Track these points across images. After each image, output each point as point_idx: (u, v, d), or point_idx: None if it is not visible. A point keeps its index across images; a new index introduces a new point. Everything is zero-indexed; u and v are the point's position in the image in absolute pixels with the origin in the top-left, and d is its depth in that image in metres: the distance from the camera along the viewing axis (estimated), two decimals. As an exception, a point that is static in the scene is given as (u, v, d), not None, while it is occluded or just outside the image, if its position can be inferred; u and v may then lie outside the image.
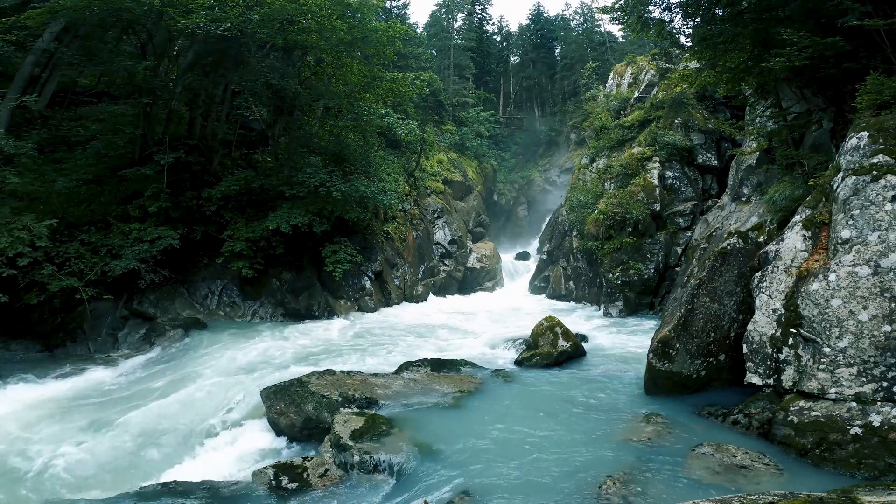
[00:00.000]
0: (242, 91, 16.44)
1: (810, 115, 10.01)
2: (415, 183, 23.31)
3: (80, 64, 13.54)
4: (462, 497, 4.91)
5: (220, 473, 6.41)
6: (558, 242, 23.11)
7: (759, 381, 6.50)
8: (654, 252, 16.84)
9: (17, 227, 10.34)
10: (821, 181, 7.29)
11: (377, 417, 6.79)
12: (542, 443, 6.13)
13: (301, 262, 15.47)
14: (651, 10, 11.50)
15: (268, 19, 13.61)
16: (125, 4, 12.11)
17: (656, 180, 17.58)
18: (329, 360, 10.33)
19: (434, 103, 32.36)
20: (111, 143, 14.21)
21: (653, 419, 6.67)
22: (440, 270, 22.79)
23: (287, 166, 15.25)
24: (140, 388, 9.40)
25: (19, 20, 11.58)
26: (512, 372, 9.41)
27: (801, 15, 8.47)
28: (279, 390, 7.64)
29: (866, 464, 5.21)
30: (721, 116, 18.45)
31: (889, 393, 5.42)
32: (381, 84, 17.60)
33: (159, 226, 13.06)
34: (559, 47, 48.07)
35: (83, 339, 12.00)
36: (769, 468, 5.37)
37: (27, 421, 7.72)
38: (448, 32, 42.11)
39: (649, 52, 25.82)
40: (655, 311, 16.08)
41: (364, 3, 15.13)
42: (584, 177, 21.47)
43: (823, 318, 5.97)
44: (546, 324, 10.92)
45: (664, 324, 8.09)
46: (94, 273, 11.80)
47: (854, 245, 5.95)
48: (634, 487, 4.96)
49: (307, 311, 14.91)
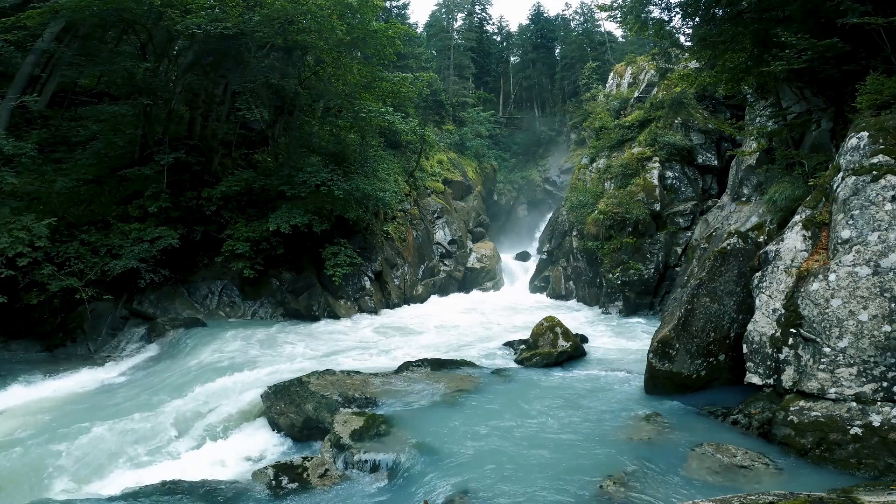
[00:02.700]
0: (242, 91, 16.45)
1: (810, 115, 10.01)
2: (415, 183, 23.30)
3: (80, 64, 13.55)
4: (462, 496, 4.91)
5: (219, 473, 6.41)
6: (558, 242, 23.11)
7: (759, 381, 6.50)
8: (654, 252, 16.83)
9: (16, 228, 10.34)
10: (821, 181, 7.29)
11: (377, 417, 6.79)
12: (541, 442, 6.13)
13: (301, 262, 15.47)
14: (650, 10, 11.51)
15: (268, 19, 13.62)
16: (125, 4, 12.12)
17: (656, 180, 17.58)
18: (329, 360, 10.33)
19: (434, 103, 32.34)
20: (111, 143, 14.21)
21: (653, 419, 6.66)
22: (440, 270, 22.79)
23: (287, 166, 15.25)
24: (140, 387, 9.39)
25: (19, 20, 11.59)
26: (512, 372, 9.41)
27: (801, 15, 8.46)
28: (279, 390, 7.65)
29: (866, 464, 5.21)
30: (721, 116, 18.44)
31: (889, 393, 5.41)
32: (381, 84, 17.60)
33: (159, 226, 13.06)
34: (559, 47, 48.02)
35: (83, 339, 12.00)
36: (769, 468, 5.37)
37: (27, 420, 7.72)
38: (448, 32, 42.10)
39: (649, 52, 25.83)
40: (655, 311, 16.08)
41: (364, 3, 15.12)
42: (584, 177, 21.47)
43: (823, 318, 5.97)
44: (546, 324, 10.93)
45: (664, 324, 8.10)
46: (93, 273, 11.81)
47: (854, 245, 5.95)
48: (634, 487, 4.96)
49: (307, 312, 14.91)
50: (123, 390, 9.36)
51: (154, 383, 9.48)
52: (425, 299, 20.60)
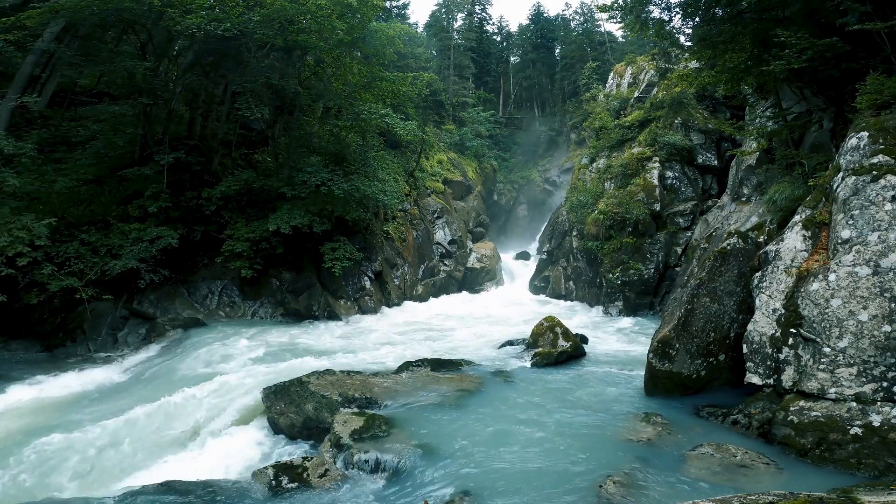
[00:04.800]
0: (242, 91, 16.43)
1: (810, 115, 10.02)
2: (415, 183, 23.30)
3: (80, 64, 13.54)
4: (462, 497, 4.91)
5: (220, 473, 6.41)
6: (558, 242, 23.11)
7: (759, 381, 6.50)
8: (654, 252, 16.84)
9: (16, 227, 10.34)
10: (821, 181, 7.30)
11: (377, 417, 6.79)
12: (541, 442, 6.13)
13: (301, 262, 15.47)
14: (650, 10, 11.52)
15: (268, 19, 13.62)
16: (125, 4, 12.12)
17: (656, 180, 17.58)
18: (329, 360, 10.31)
19: (434, 103, 32.33)
20: (111, 143, 14.21)
21: (653, 419, 6.67)
22: (440, 270, 22.79)
23: (287, 166, 15.25)
24: (140, 387, 9.39)
25: (19, 20, 11.58)
26: (511, 372, 9.40)
27: (801, 16, 8.47)
28: (279, 390, 7.64)
29: (866, 464, 5.21)
30: (721, 116, 18.46)
31: (889, 393, 5.42)
32: (381, 84, 17.60)
33: (159, 226, 13.06)
34: (559, 47, 48.03)
35: (83, 338, 12.00)
36: (769, 468, 5.37)
37: (27, 420, 7.72)
38: (448, 32, 42.09)
39: (649, 52, 25.83)
40: (655, 311, 16.08)
41: (364, 3, 15.12)
42: (584, 177, 21.47)
43: (823, 318, 5.97)
44: (546, 324, 10.93)
45: (664, 324, 8.09)
46: (93, 273, 11.80)
47: (854, 245, 5.95)
48: (634, 487, 4.96)
49: (307, 311, 14.91)
50: (123, 390, 9.36)
51: (154, 383, 9.48)
52: (425, 299, 20.59)
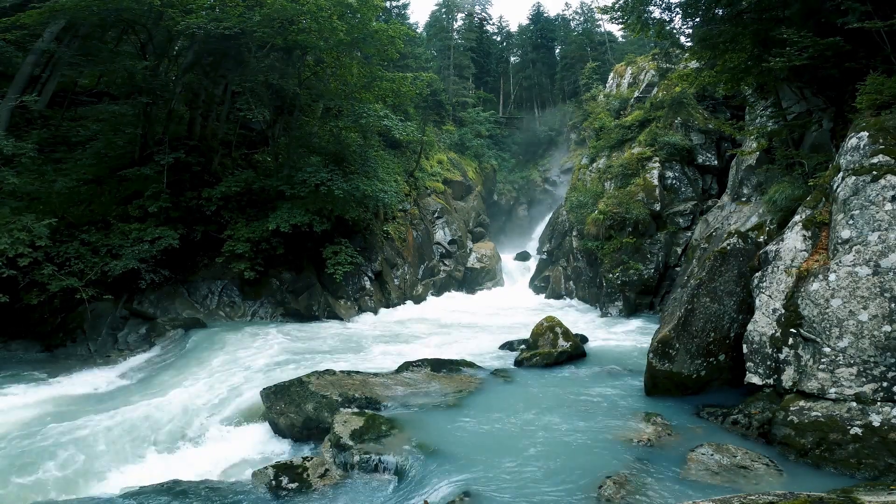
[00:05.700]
0: (242, 91, 16.44)
1: (810, 115, 10.02)
2: (415, 183, 23.30)
3: (80, 64, 13.55)
4: (462, 497, 4.91)
5: (220, 473, 6.41)
6: (558, 242, 23.11)
7: (759, 381, 6.50)
8: (654, 252, 16.84)
9: (17, 228, 10.34)
10: (821, 181, 7.29)
11: (377, 417, 6.78)
12: (541, 443, 6.12)
13: (301, 262, 15.47)
14: (651, 10, 11.52)
15: (268, 19, 13.62)
16: (125, 4, 12.12)
17: (656, 180, 17.58)
18: (329, 360, 10.32)
19: (434, 103, 32.34)
20: (111, 143, 14.21)
21: (653, 419, 6.66)
22: (440, 270, 22.80)
23: (287, 166, 15.25)
24: (140, 387, 9.39)
25: (19, 20, 11.58)
26: (512, 372, 9.41)
27: (801, 16, 8.47)
28: (279, 390, 7.64)
29: (866, 464, 5.21)
30: (721, 116, 18.46)
31: (889, 393, 5.41)
32: (381, 84, 17.60)
33: (159, 226, 13.06)
34: (559, 47, 48.07)
35: (83, 339, 12.00)
36: (769, 468, 5.37)
37: (27, 420, 7.72)
38: (448, 32, 42.10)
39: (649, 52, 25.83)
40: (655, 311, 16.08)
41: (364, 3, 15.12)
42: (584, 177, 21.47)
43: (823, 318, 5.97)
44: (546, 324, 10.92)
45: (664, 324, 8.09)
46: (94, 273, 11.80)
47: (854, 245, 5.95)
48: (634, 488, 4.96)
49: (307, 312, 14.91)
50: (123, 390, 9.36)
51: (154, 383, 9.47)
52: (425, 299, 20.61)
